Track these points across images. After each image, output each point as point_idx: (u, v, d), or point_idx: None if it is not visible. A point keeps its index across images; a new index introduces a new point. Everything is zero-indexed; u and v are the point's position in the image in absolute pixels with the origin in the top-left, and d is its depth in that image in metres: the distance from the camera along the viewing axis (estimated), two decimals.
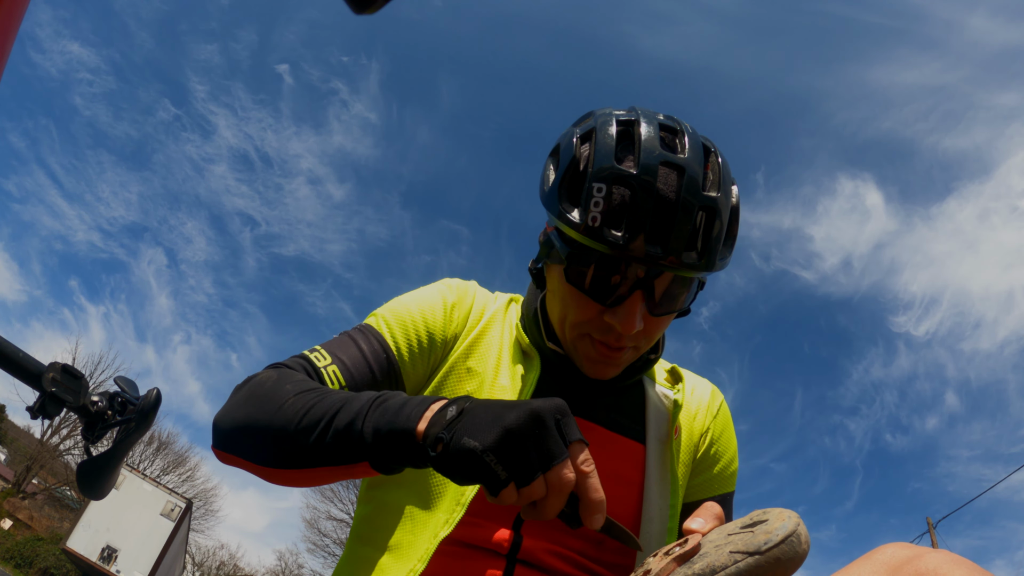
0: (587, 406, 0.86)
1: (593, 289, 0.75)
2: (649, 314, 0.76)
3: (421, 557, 0.73)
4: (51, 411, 0.76)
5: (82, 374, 0.79)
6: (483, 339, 0.89)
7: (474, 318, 0.90)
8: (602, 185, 0.71)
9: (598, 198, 0.71)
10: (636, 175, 0.70)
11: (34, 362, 0.76)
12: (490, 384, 0.84)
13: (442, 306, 0.88)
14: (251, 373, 0.80)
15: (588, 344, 0.80)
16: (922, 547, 0.55)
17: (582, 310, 0.78)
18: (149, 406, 0.82)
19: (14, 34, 0.46)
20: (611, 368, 0.82)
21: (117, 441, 0.82)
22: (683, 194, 0.70)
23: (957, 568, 0.51)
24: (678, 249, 0.70)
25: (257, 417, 0.69)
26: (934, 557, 0.52)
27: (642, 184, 0.70)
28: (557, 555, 0.77)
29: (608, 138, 0.74)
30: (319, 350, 0.81)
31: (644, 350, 0.83)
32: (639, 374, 0.91)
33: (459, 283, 0.94)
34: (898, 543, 0.57)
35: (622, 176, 0.71)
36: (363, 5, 0.33)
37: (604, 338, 0.78)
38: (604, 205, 0.71)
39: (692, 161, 0.72)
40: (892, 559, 0.54)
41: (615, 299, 0.75)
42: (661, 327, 0.81)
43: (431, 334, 0.85)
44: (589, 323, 0.78)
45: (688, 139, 0.74)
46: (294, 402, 0.67)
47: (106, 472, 0.82)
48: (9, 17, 0.44)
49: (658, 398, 0.92)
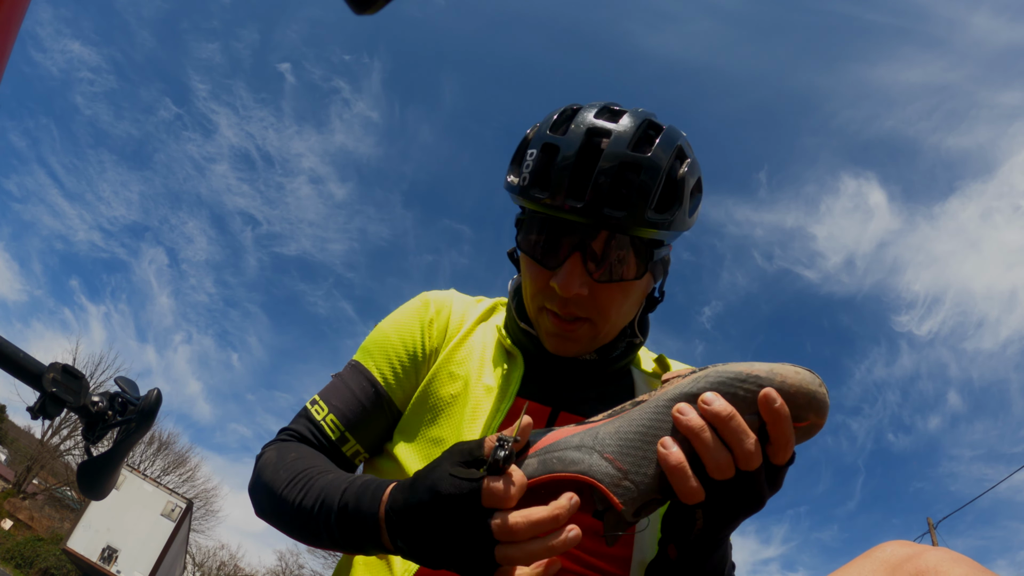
0: (572, 400, 0.86)
1: (538, 253, 0.80)
2: (592, 279, 0.77)
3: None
4: (51, 411, 0.76)
5: (82, 374, 0.79)
6: (465, 343, 0.91)
7: (454, 326, 0.93)
8: (534, 151, 0.78)
9: (529, 161, 0.78)
10: (562, 138, 0.77)
11: (34, 362, 0.76)
12: (474, 385, 0.85)
13: (419, 325, 0.93)
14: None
15: (546, 317, 0.83)
16: (922, 545, 0.55)
17: (535, 279, 0.82)
18: (150, 406, 0.82)
19: (15, 33, 0.46)
20: (569, 343, 0.83)
21: (118, 441, 0.82)
22: (605, 154, 0.74)
23: (957, 566, 0.51)
24: (598, 203, 0.73)
25: (268, 506, 0.79)
26: (934, 555, 0.52)
27: (565, 145, 0.76)
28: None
29: (551, 117, 0.82)
30: (318, 401, 0.89)
31: (603, 326, 0.82)
32: (623, 359, 0.90)
33: (436, 296, 0.98)
34: (898, 541, 0.57)
35: (550, 141, 0.77)
36: (364, 6, 0.34)
37: (553, 306, 0.81)
38: (533, 167, 0.77)
39: (623, 128, 0.76)
40: (892, 557, 0.54)
41: (555, 261, 0.79)
42: (614, 299, 0.80)
43: (411, 355, 0.91)
44: (541, 293, 0.82)
45: (628, 116, 0.78)
46: (286, 496, 0.75)
47: (106, 472, 0.83)
48: (10, 16, 0.44)
49: (646, 386, 0.92)
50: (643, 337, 0.92)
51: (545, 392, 0.86)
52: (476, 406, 0.83)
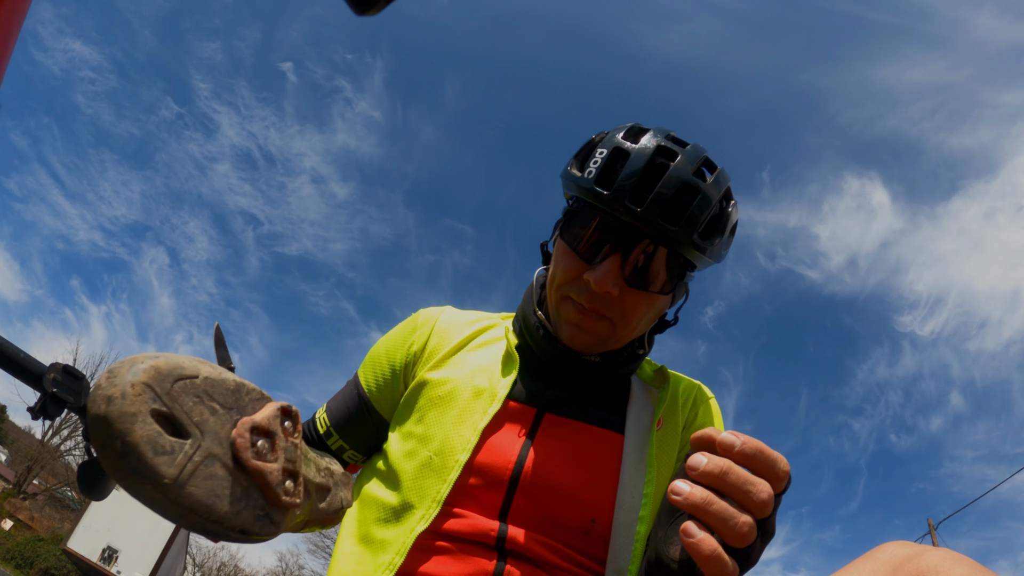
0: (561, 402, 0.88)
1: (579, 245, 0.84)
2: (625, 282, 0.81)
3: (399, 551, 0.77)
4: (52, 412, 0.76)
5: (83, 375, 0.79)
6: (459, 352, 0.94)
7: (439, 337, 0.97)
8: (604, 150, 0.83)
9: (598, 158, 0.83)
10: (635, 147, 0.82)
11: (35, 363, 0.76)
12: (464, 388, 0.87)
13: (403, 338, 0.99)
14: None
15: (568, 306, 0.85)
16: (923, 545, 0.55)
17: (568, 269, 0.85)
18: None
19: (16, 32, 0.46)
20: (586, 336, 0.85)
21: None
22: (671, 172, 0.79)
23: (957, 566, 0.51)
24: (655, 213, 0.78)
25: None
26: (935, 555, 0.52)
27: (636, 153, 0.81)
28: (545, 545, 0.78)
29: (622, 127, 0.87)
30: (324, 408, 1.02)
31: (620, 330, 0.85)
32: (625, 367, 0.92)
33: (427, 311, 1.03)
34: (899, 541, 0.57)
35: (622, 147, 0.82)
36: (364, 7, 0.34)
37: (580, 298, 0.83)
38: (601, 165, 0.82)
39: (688, 154, 0.81)
40: (893, 557, 0.54)
41: (595, 256, 0.82)
42: (638, 307, 0.83)
43: (391, 366, 0.98)
44: (571, 283, 0.85)
45: (692, 146, 0.83)
46: None
47: (107, 473, 0.83)
48: (11, 15, 0.44)
49: (643, 393, 0.93)
50: (647, 351, 0.95)
51: (533, 394, 0.88)
52: (465, 408, 0.85)
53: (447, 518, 0.79)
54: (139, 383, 0.45)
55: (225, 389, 0.52)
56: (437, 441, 0.83)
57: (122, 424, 0.44)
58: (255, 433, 0.53)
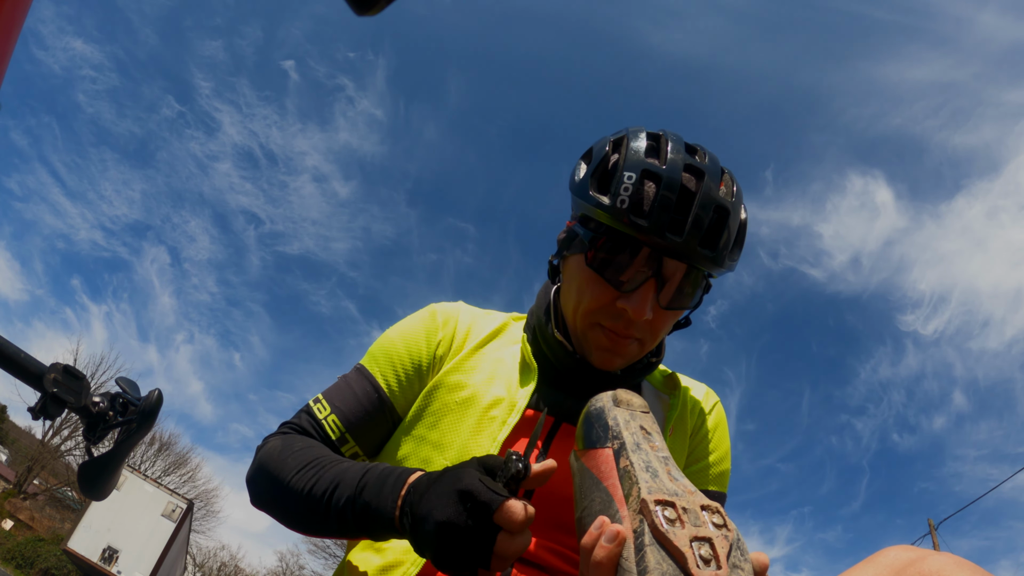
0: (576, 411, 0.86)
1: (611, 274, 0.81)
2: (659, 305, 0.80)
3: (415, 561, 0.77)
4: (52, 412, 0.76)
5: (83, 375, 0.79)
6: (474, 355, 0.92)
7: (461, 338, 0.95)
8: (632, 175, 0.78)
9: (628, 184, 0.78)
10: (664, 170, 0.78)
11: (35, 363, 0.76)
12: (483, 396, 0.86)
13: (424, 336, 0.94)
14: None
15: (599, 332, 0.84)
16: (925, 549, 0.55)
17: (597, 296, 0.83)
18: (150, 407, 0.82)
19: (18, 31, 0.46)
20: (617, 358, 0.85)
21: (118, 442, 0.82)
22: (702, 194, 0.77)
23: (960, 571, 0.50)
24: (694, 241, 0.77)
25: (270, 493, 0.81)
26: (937, 560, 0.52)
27: (668, 178, 0.77)
28: (555, 553, 0.78)
29: (639, 141, 0.83)
30: (321, 400, 0.90)
31: (648, 347, 0.86)
32: (640, 376, 0.92)
33: (444, 307, 0.99)
34: (901, 545, 0.56)
35: (651, 170, 0.78)
36: (365, 7, 0.33)
37: (614, 325, 0.82)
38: (633, 192, 0.78)
39: (711, 170, 0.80)
40: (895, 561, 0.54)
41: (630, 285, 0.80)
42: (666, 324, 0.84)
43: (415, 364, 0.92)
44: (602, 310, 0.83)
45: (708, 156, 0.83)
46: (294, 482, 0.76)
47: (107, 473, 0.82)
48: (12, 14, 0.44)
49: (655, 400, 0.94)
50: (661, 356, 0.95)
51: (552, 403, 0.88)
52: (483, 417, 0.84)
53: None
54: None
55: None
56: (454, 450, 0.83)
57: None
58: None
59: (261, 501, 0.84)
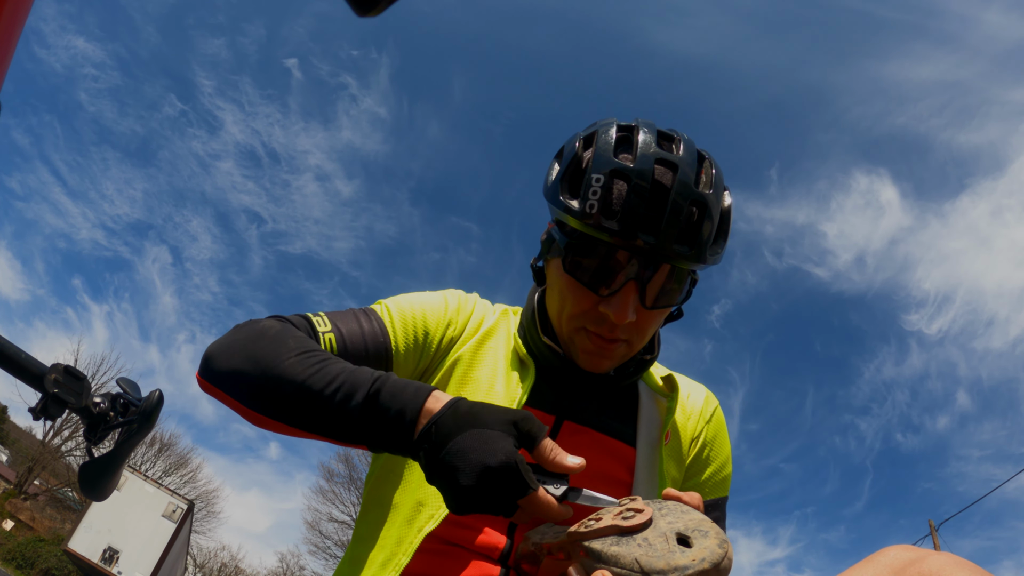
0: (579, 410, 0.87)
1: (589, 279, 0.79)
2: (642, 306, 0.79)
3: (405, 551, 0.76)
4: (53, 412, 0.76)
5: (84, 375, 0.79)
6: (482, 347, 0.91)
7: (473, 326, 0.93)
8: (601, 176, 0.75)
9: (596, 187, 0.75)
10: (633, 168, 0.75)
11: (36, 363, 0.76)
12: (486, 390, 0.86)
13: (444, 309, 0.91)
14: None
15: (584, 336, 0.83)
16: (925, 549, 0.55)
17: (579, 302, 0.81)
18: (151, 407, 0.82)
19: (20, 30, 0.46)
20: (605, 360, 0.84)
21: (119, 443, 0.82)
22: (676, 189, 0.75)
23: (960, 570, 0.50)
24: (670, 239, 0.75)
25: (256, 363, 0.72)
26: (937, 559, 0.52)
27: (638, 176, 0.74)
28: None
29: (608, 138, 0.79)
30: (322, 316, 0.84)
31: (637, 347, 0.85)
32: (635, 376, 0.92)
33: (462, 293, 0.98)
34: (901, 545, 0.56)
35: (619, 169, 0.75)
36: (366, 8, 0.33)
37: (598, 329, 0.81)
38: (602, 195, 0.75)
39: (686, 162, 0.77)
40: (895, 561, 0.54)
41: (609, 289, 0.78)
42: (654, 323, 0.83)
43: (428, 333, 0.89)
44: (585, 315, 0.81)
45: (683, 145, 0.79)
46: (296, 361, 0.70)
47: (108, 473, 0.82)
48: (14, 13, 0.44)
49: (651, 403, 0.93)
50: (655, 353, 0.94)
51: (551, 402, 0.87)
52: None
53: (455, 524, 0.78)
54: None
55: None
56: None
57: None
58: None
59: (227, 375, 0.73)
